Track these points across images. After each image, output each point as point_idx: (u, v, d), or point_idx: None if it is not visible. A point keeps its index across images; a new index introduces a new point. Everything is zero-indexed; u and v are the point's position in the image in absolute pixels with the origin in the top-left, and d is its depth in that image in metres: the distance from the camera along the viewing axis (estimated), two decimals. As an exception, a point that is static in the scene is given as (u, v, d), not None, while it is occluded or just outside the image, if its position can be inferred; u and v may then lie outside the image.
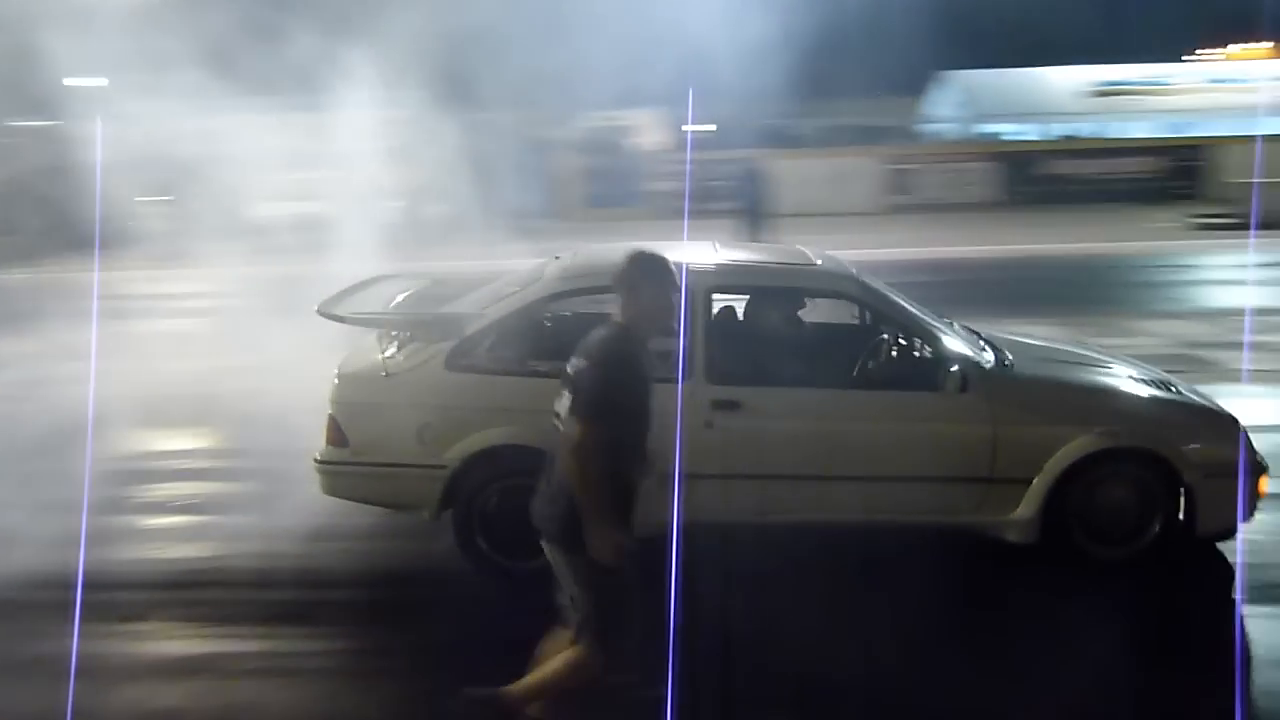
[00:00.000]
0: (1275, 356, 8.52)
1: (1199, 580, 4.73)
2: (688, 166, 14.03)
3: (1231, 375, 8.03)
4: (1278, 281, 12.42)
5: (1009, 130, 29.11)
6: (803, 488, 4.65)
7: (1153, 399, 4.92)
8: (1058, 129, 28.48)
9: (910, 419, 4.62)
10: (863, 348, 4.98)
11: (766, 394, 4.64)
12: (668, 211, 17.01)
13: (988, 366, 4.77)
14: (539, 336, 4.94)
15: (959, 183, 21.25)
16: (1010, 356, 4.96)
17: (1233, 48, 40.89)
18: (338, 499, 4.90)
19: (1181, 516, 4.59)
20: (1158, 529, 4.62)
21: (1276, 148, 22.17)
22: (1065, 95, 30.73)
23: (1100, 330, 9.42)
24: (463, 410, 4.60)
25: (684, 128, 19.05)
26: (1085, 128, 29.07)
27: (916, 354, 4.86)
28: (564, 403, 3.22)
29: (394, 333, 4.97)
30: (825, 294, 5.18)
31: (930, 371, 4.69)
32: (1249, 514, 4.57)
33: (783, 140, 22.41)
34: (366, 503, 4.94)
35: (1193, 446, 4.60)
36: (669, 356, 4.69)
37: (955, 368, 4.61)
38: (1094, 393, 4.96)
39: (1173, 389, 5.07)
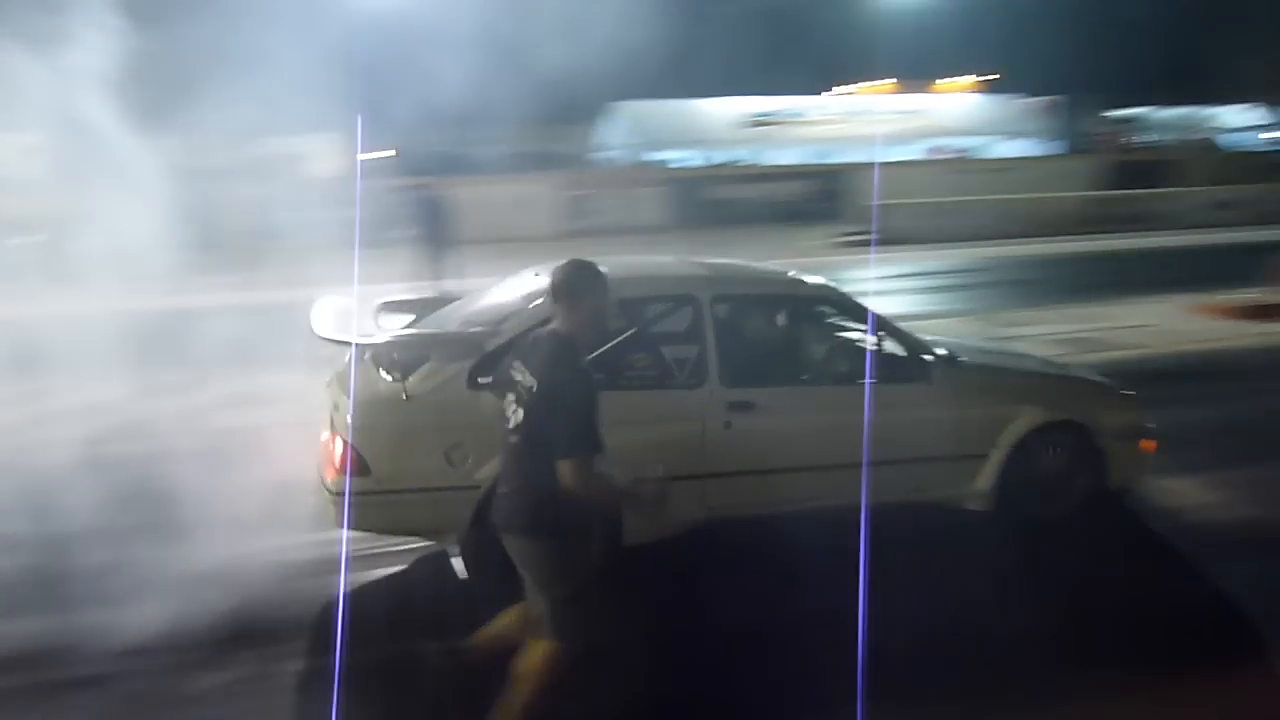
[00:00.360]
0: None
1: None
2: (358, 194, 13.68)
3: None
4: (901, 291, 14.12)
5: (675, 157, 30.88)
6: (815, 477, 4.97)
7: (1070, 379, 5.95)
8: (718, 156, 30.58)
9: (895, 408, 5.02)
10: (841, 347, 5.45)
11: (775, 394, 4.98)
12: (342, 241, 16.36)
13: (948, 359, 5.33)
14: None
15: (633, 207, 22.30)
16: (953, 351, 5.52)
17: (864, 84, 45.92)
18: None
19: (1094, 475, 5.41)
20: (1081, 486, 5.41)
21: (897, 172, 25.21)
22: (724, 125, 33.11)
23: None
24: (491, 428, 4.25)
25: (359, 155, 18.62)
26: (742, 155, 31.45)
27: (889, 351, 5.29)
28: (516, 415, 3.28)
29: (367, 355, 4.82)
30: (811, 300, 5.59)
31: (906, 365, 5.23)
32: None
33: (462, 167, 22.47)
34: (390, 533, 4.78)
35: (1105, 416, 5.46)
36: (685, 363, 4.98)
37: (929, 360, 5.24)
38: (1029, 377, 5.82)
39: (1073, 371, 6.16)
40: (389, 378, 4.65)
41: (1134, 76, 41.73)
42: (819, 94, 38.11)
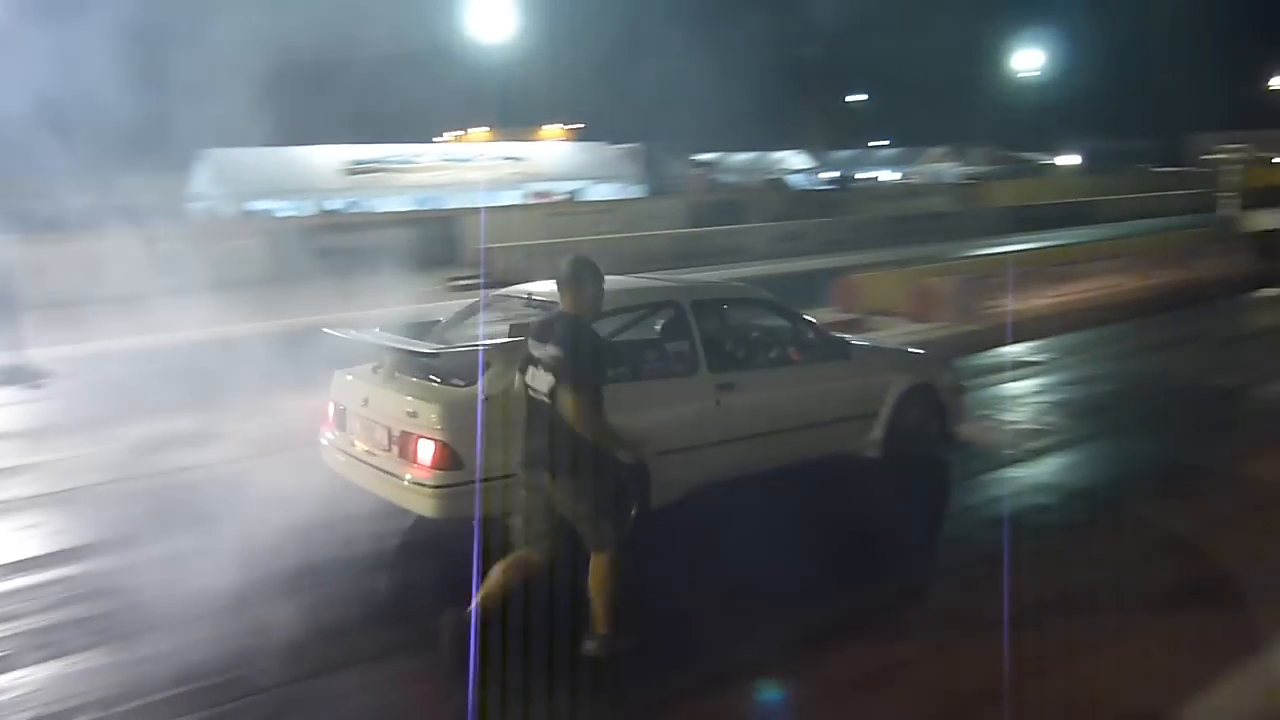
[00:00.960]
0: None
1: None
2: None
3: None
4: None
5: (278, 206, 29.56)
6: (785, 439, 6.24)
7: (918, 353, 7.79)
8: (324, 205, 29.70)
9: (829, 380, 6.55)
10: (784, 335, 6.73)
11: (749, 375, 6.22)
12: None
13: (850, 341, 7.00)
14: None
15: (236, 260, 21.01)
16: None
17: (464, 132, 46.89)
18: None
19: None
20: (932, 432, 7.05)
21: (504, 216, 25.97)
22: (326, 173, 32.16)
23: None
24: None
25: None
26: (347, 203, 30.82)
27: (816, 336, 6.73)
28: (544, 379, 4.21)
29: (377, 363, 5.93)
30: (752, 303, 7.01)
31: (831, 347, 6.73)
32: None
33: (33, 223, 19.94)
34: (475, 517, 5.07)
35: (942, 378, 7.22)
36: (682, 356, 6.04)
37: (846, 341, 6.89)
38: (895, 352, 7.82)
39: (914, 348, 8.26)
40: (460, 382, 5.46)
41: (702, 124, 46.25)
42: (423, 142, 38.36)
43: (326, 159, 32.66)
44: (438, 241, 24.08)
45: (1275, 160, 65.69)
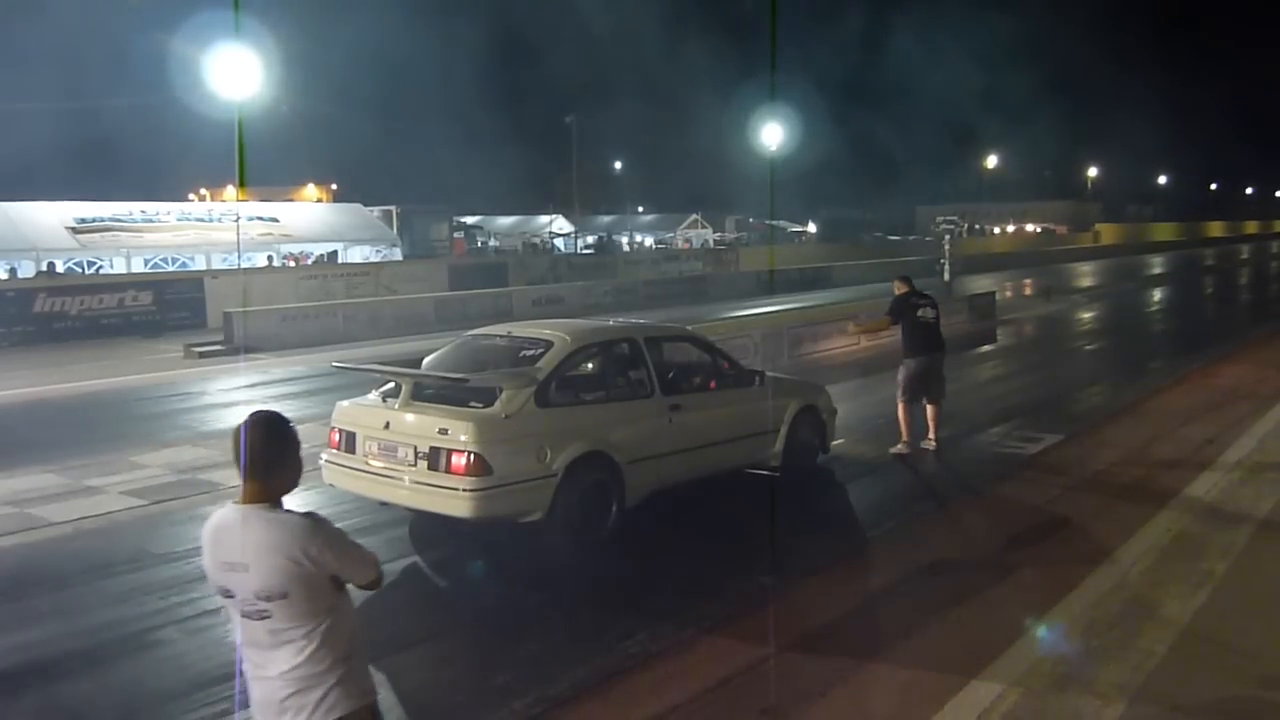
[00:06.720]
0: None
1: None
2: None
3: (232, 493, 8.60)
4: (265, 400, 13.75)
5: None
6: (716, 450, 7.69)
7: (806, 382, 9.49)
8: (45, 264, 27.23)
9: (746, 402, 8.01)
10: (709, 365, 8.16)
11: (690, 398, 7.69)
12: None
13: (755, 370, 8.47)
14: (578, 379, 7.22)
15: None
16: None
17: (212, 190, 44.70)
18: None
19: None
20: (815, 446, 8.67)
21: (257, 278, 24.79)
22: (49, 230, 29.43)
23: (100, 469, 9.24)
24: (558, 433, 6.56)
25: None
26: (73, 263, 28.45)
27: (729, 369, 8.20)
28: (929, 314, 9.48)
29: (386, 386, 6.96)
30: (684, 339, 8.55)
31: (745, 377, 8.20)
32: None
33: None
34: (504, 516, 6.40)
35: (822, 401, 8.75)
36: (641, 382, 7.33)
37: (758, 371, 8.37)
38: (789, 380, 9.17)
39: (799, 378, 10.30)
40: (478, 405, 6.42)
41: (464, 186, 46.26)
42: (175, 199, 36.26)
43: (49, 215, 29.95)
44: (179, 305, 22.71)
45: (991, 229, 73.05)
